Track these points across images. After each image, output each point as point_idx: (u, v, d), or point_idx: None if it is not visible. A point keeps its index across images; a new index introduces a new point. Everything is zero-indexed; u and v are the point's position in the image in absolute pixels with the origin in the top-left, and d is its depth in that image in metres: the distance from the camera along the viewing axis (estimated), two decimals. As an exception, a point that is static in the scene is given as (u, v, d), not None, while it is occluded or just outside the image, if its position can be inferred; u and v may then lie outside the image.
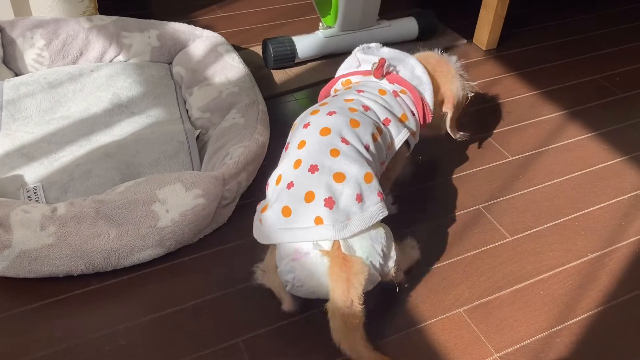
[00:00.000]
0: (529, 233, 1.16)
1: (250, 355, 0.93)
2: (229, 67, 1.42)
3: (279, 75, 1.53)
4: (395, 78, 1.09)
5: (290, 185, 0.89)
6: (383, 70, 1.09)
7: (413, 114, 1.08)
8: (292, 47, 1.51)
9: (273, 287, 0.96)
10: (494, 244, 1.13)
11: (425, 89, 1.11)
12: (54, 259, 1.00)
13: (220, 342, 0.94)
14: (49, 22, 1.42)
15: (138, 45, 1.47)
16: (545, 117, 1.46)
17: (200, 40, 1.49)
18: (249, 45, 1.65)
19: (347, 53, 1.21)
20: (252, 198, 1.17)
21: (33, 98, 1.32)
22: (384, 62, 1.09)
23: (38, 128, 1.26)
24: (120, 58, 1.46)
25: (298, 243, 0.87)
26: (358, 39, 1.52)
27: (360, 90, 1.06)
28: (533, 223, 1.18)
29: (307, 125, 0.96)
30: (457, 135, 1.20)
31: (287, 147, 0.98)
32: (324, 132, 0.93)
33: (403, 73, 1.11)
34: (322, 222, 0.85)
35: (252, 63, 1.52)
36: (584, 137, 1.40)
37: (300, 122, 0.99)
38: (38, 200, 1.10)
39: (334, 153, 0.91)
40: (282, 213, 0.88)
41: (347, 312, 0.84)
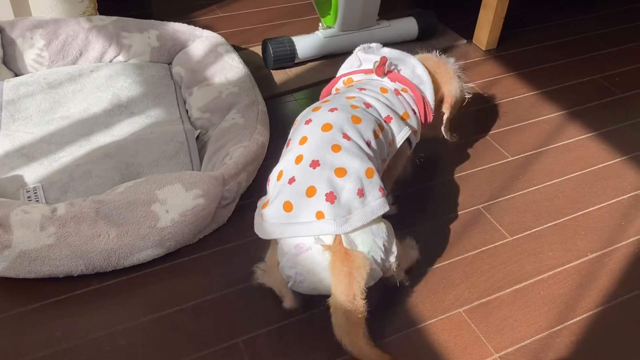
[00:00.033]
0: (529, 233, 1.16)
1: (250, 355, 0.93)
2: (229, 67, 1.41)
3: (279, 76, 1.53)
4: (397, 76, 1.10)
5: (292, 181, 0.89)
6: (385, 69, 1.09)
7: (414, 112, 1.08)
8: (291, 47, 1.51)
9: (274, 284, 0.96)
10: (494, 244, 1.13)
11: (426, 88, 1.11)
12: (54, 259, 1.00)
13: (220, 342, 0.94)
14: (49, 22, 1.42)
15: (138, 46, 1.47)
16: (545, 117, 1.46)
17: (200, 41, 1.49)
18: (249, 46, 1.65)
19: (347, 53, 1.21)
20: (252, 198, 1.17)
21: (33, 98, 1.32)
22: (386, 60, 1.09)
23: (38, 128, 1.26)
24: (120, 58, 1.46)
25: (300, 238, 0.86)
26: (358, 39, 1.52)
27: (362, 88, 1.06)
28: (533, 223, 1.18)
29: (308, 122, 0.96)
30: (449, 136, 1.21)
31: (288, 143, 0.98)
32: (326, 127, 0.93)
33: (404, 72, 1.11)
34: (323, 216, 0.85)
35: (252, 63, 1.52)
36: (584, 137, 1.40)
37: (302, 118, 0.99)
38: (38, 201, 1.10)
39: (336, 148, 0.91)
40: (283, 208, 0.88)
41: (349, 307, 0.84)
